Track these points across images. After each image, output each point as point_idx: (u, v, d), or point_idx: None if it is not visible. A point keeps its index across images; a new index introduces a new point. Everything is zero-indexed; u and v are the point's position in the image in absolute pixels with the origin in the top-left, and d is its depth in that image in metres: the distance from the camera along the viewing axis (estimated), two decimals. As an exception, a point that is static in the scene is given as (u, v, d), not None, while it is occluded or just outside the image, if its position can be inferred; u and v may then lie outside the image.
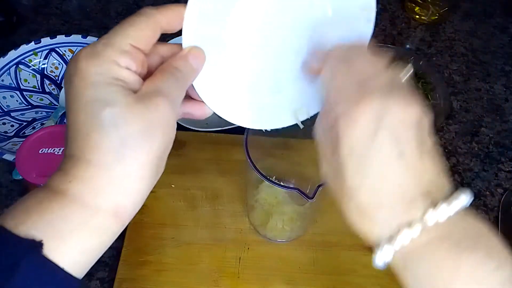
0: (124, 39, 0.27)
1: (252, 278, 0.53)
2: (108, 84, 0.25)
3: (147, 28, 0.28)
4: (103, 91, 0.25)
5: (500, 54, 0.79)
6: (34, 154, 0.49)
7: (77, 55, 0.26)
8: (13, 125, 0.64)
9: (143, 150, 0.26)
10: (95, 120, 0.25)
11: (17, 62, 0.68)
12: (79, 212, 0.25)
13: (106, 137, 0.25)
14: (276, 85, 0.35)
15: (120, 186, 0.26)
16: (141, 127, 0.25)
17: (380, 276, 0.52)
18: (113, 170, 0.25)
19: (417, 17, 0.83)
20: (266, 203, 0.52)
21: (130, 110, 0.25)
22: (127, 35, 0.27)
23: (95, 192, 0.26)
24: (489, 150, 0.67)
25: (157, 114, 0.26)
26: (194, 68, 0.30)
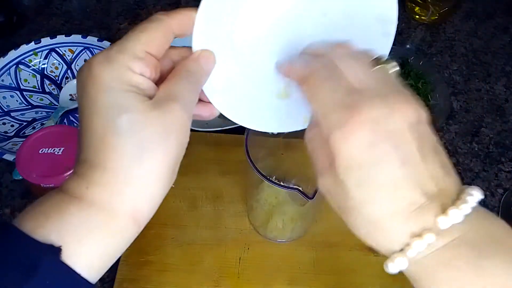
0: (137, 45, 0.27)
1: (252, 278, 0.53)
2: (123, 90, 0.26)
3: (159, 34, 0.28)
4: (119, 97, 0.25)
5: (500, 54, 0.79)
6: (34, 154, 0.49)
7: (90, 61, 0.26)
8: (13, 125, 0.64)
9: (160, 153, 0.26)
10: (111, 125, 0.25)
11: (17, 62, 0.68)
12: (98, 216, 0.25)
13: (123, 141, 0.25)
14: (286, 89, 0.34)
15: (137, 189, 0.26)
16: (158, 132, 0.26)
17: (381, 276, 0.52)
18: (130, 174, 0.26)
19: (417, 17, 0.83)
20: (266, 203, 0.52)
21: (147, 115, 0.26)
22: (140, 41, 0.27)
23: (113, 196, 0.26)
24: (489, 150, 0.67)
25: (172, 119, 0.26)
26: (205, 70, 0.30)
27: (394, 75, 0.28)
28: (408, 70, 0.71)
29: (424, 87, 0.69)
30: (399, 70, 0.29)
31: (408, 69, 0.71)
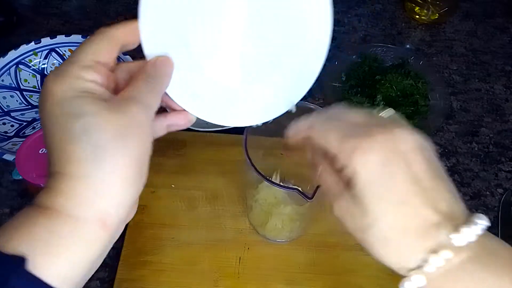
0: (85, 55, 0.28)
1: (252, 278, 0.53)
2: (74, 98, 0.26)
3: (105, 43, 0.29)
4: (72, 104, 0.26)
5: (500, 54, 0.79)
6: (34, 154, 0.49)
7: (45, 79, 0.28)
8: (13, 125, 0.64)
9: (119, 154, 0.26)
10: (67, 133, 0.26)
11: (17, 62, 0.68)
12: (65, 225, 0.25)
13: (79, 147, 0.25)
14: (249, 78, 0.35)
15: (101, 193, 0.26)
16: (114, 132, 0.26)
17: (380, 277, 0.52)
18: (92, 178, 0.25)
19: (417, 17, 0.83)
20: (265, 203, 0.52)
21: (101, 117, 0.26)
22: (88, 51, 0.28)
23: (77, 203, 0.26)
24: (489, 150, 0.67)
25: (130, 119, 0.27)
26: (164, 72, 0.31)
27: (397, 117, 0.31)
28: (407, 70, 0.71)
29: (424, 87, 0.69)
30: (395, 113, 0.32)
31: (408, 69, 0.71)
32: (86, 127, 0.25)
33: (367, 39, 0.81)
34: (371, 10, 0.86)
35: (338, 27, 0.82)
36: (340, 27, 0.82)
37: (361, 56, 0.74)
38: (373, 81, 0.70)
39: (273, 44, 0.34)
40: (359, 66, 0.72)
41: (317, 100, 0.71)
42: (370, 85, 0.69)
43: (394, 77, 0.68)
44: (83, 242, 0.26)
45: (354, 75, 0.71)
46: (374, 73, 0.70)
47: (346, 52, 0.75)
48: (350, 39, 0.81)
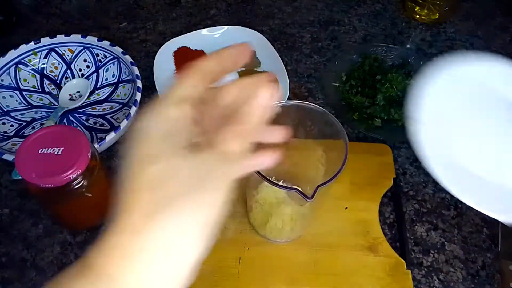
0: (177, 91, 0.26)
1: (252, 278, 0.53)
2: (161, 138, 0.23)
3: (197, 78, 0.26)
4: (155, 145, 0.23)
5: (501, 54, 0.79)
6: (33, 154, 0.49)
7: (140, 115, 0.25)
8: (13, 125, 0.64)
9: (187, 208, 0.23)
10: (137, 179, 0.23)
11: (16, 62, 0.68)
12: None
13: (141, 195, 0.22)
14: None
15: (147, 256, 0.22)
16: (187, 182, 0.22)
17: (381, 277, 0.52)
18: (141, 236, 0.22)
19: (418, 17, 0.83)
20: (265, 203, 0.52)
21: (176, 163, 0.23)
22: (181, 86, 0.26)
23: (118, 262, 0.22)
24: (489, 150, 0.67)
25: (206, 169, 0.23)
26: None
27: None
28: (408, 70, 0.71)
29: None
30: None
31: (409, 69, 0.71)
32: (157, 175, 0.22)
33: (368, 39, 0.81)
34: (372, 10, 0.86)
35: (338, 27, 0.82)
36: (340, 27, 0.82)
37: (362, 56, 0.74)
38: (373, 81, 0.69)
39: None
40: (360, 66, 0.72)
41: (317, 100, 0.71)
42: (371, 85, 0.69)
43: (395, 77, 0.68)
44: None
45: (354, 75, 0.71)
46: (375, 73, 0.70)
47: (346, 52, 0.75)
48: (350, 39, 0.80)
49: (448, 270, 0.54)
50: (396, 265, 0.53)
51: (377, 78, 0.69)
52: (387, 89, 0.67)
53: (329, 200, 0.56)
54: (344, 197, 0.58)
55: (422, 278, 0.54)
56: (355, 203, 0.58)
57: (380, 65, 0.72)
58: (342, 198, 0.58)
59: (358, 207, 0.57)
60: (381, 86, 0.68)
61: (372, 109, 0.67)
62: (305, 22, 0.83)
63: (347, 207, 0.57)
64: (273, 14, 0.84)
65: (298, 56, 0.77)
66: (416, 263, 0.54)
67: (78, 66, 0.71)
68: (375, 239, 0.54)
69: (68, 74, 0.71)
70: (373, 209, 0.57)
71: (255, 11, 0.85)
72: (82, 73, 0.71)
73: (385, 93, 0.67)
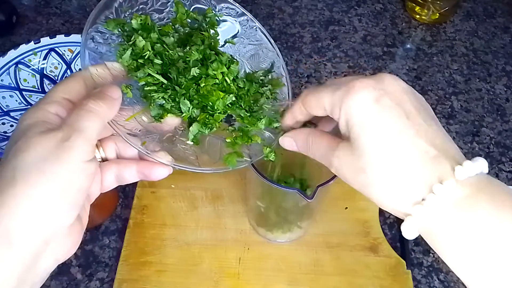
0: (55, 93, 0.30)
1: (252, 278, 0.53)
2: (29, 125, 0.28)
3: (75, 83, 0.31)
4: (20, 130, 0.28)
5: (501, 54, 0.79)
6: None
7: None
8: (13, 125, 0.64)
9: (34, 176, 0.26)
10: (4, 154, 0.27)
11: (16, 62, 0.68)
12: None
13: (4, 167, 0.26)
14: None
15: (8, 209, 0.25)
16: (37, 155, 0.26)
17: (381, 277, 0.52)
18: (3, 196, 0.25)
19: (418, 16, 0.83)
20: (266, 203, 0.52)
21: (31, 140, 0.27)
22: (58, 89, 0.30)
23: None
24: (490, 150, 0.67)
25: (56, 142, 0.27)
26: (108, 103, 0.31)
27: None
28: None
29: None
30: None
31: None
32: (17, 149, 0.26)
33: (368, 39, 0.81)
34: (372, 9, 0.86)
35: (339, 27, 0.82)
36: (340, 27, 0.82)
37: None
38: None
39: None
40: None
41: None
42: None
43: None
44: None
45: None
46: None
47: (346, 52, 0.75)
48: (350, 39, 0.80)
49: (448, 270, 0.54)
50: (396, 265, 0.53)
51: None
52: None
53: (329, 200, 0.56)
54: (344, 197, 0.58)
55: (422, 278, 0.54)
56: (355, 203, 0.58)
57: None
58: (342, 198, 0.58)
59: (358, 207, 0.57)
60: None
61: None
62: (305, 22, 0.83)
63: (347, 207, 0.57)
64: (273, 14, 0.84)
65: (298, 56, 0.77)
66: (416, 263, 0.54)
67: (78, 66, 0.71)
68: (375, 239, 0.54)
69: (68, 74, 0.71)
70: (373, 209, 0.57)
71: (256, 11, 0.85)
72: (82, 73, 0.71)
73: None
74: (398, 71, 0.76)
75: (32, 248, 0.26)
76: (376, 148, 0.27)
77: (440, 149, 0.26)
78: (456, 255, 0.25)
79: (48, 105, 0.29)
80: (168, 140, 0.35)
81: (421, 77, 0.75)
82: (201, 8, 0.38)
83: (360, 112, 0.27)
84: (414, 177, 0.26)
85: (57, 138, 0.27)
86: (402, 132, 0.26)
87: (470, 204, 0.25)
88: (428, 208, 0.25)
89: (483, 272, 0.24)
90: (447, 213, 0.25)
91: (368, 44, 0.80)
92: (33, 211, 0.26)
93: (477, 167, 0.26)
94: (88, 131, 0.28)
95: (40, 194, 0.26)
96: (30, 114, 0.29)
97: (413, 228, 0.26)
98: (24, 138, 0.27)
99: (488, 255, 0.24)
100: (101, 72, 0.32)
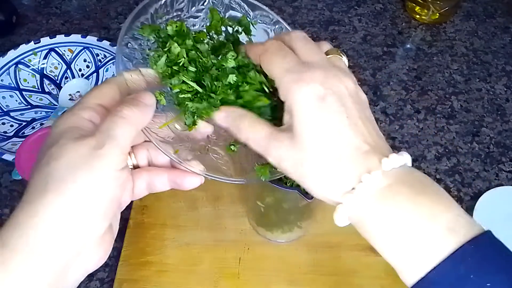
0: (89, 99, 0.30)
1: (252, 278, 0.53)
2: (63, 131, 0.28)
3: (108, 89, 0.31)
4: (54, 137, 0.28)
5: (501, 54, 0.79)
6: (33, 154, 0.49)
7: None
8: (13, 125, 0.64)
9: (65, 185, 0.25)
10: (37, 162, 0.27)
11: (16, 62, 0.68)
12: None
13: (38, 175, 0.26)
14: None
15: (40, 220, 0.25)
16: (69, 161, 0.26)
17: (381, 277, 0.52)
18: (33, 204, 0.25)
19: (418, 16, 0.83)
20: (266, 203, 0.52)
21: (65, 147, 0.26)
22: (92, 95, 0.30)
23: (11, 231, 0.25)
24: (490, 150, 0.67)
25: (88, 150, 0.26)
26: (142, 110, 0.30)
27: (343, 64, 0.32)
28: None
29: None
30: (347, 61, 0.33)
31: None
32: (50, 156, 0.26)
33: (368, 39, 0.81)
34: (372, 9, 0.86)
35: (339, 27, 0.82)
36: (340, 27, 0.82)
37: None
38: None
39: None
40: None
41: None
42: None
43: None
44: (9, 273, 0.24)
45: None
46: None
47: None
48: (350, 39, 0.80)
49: (448, 270, 0.54)
50: (397, 265, 0.53)
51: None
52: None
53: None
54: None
55: (422, 278, 0.53)
56: (356, 203, 0.58)
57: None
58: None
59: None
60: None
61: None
62: (305, 22, 0.83)
63: (347, 207, 0.57)
64: (273, 14, 0.84)
65: (298, 56, 0.77)
66: (417, 263, 0.54)
67: (78, 66, 0.71)
68: (376, 239, 0.54)
69: (68, 74, 0.71)
70: (374, 209, 0.57)
71: (255, 11, 0.85)
72: (82, 73, 0.71)
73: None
74: (398, 71, 0.76)
75: (63, 259, 0.26)
76: (315, 144, 0.28)
77: (372, 145, 0.29)
78: (381, 240, 0.28)
79: (82, 111, 0.29)
80: (201, 149, 0.34)
81: (421, 77, 0.75)
82: (235, 16, 0.38)
83: (304, 107, 0.28)
84: (346, 170, 0.28)
85: (90, 146, 0.26)
86: (340, 132, 0.28)
87: (392, 191, 0.27)
88: (356, 196, 0.28)
89: (402, 255, 0.27)
90: (373, 201, 0.27)
91: (368, 44, 0.80)
92: (64, 221, 0.25)
93: (401, 159, 0.28)
94: (121, 138, 0.28)
95: (72, 204, 0.25)
96: (63, 120, 0.28)
97: (343, 216, 0.29)
98: (58, 145, 0.27)
99: (405, 240, 0.26)
100: (135, 78, 0.32)
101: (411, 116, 0.70)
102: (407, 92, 0.73)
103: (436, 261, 0.25)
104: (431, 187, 0.28)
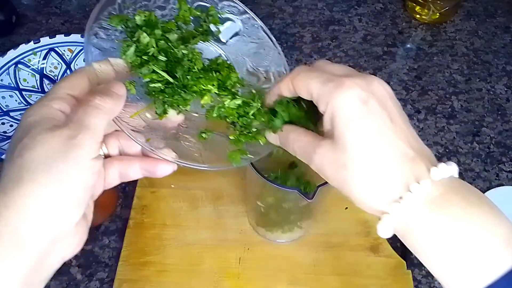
0: (59, 89, 0.30)
1: (252, 278, 0.53)
2: (34, 122, 0.28)
3: (78, 79, 0.31)
4: (25, 127, 0.27)
5: (501, 54, 0.79)
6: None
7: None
8: (12, 125, 0.64)
9: (41, 175, 0.26)
10: (8, 153, 0.27)
11: (16, 61, 0.68)
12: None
13: (9, 166, 0.26)
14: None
15: (16, 210, 0.25)
16: (44, 153, 0.26)
17: (383, 277, 0.52)
18: (8, 196, 0.25)
19: (418, 16, 0.83)
20: (266, 203, 0.52)
21: (38, 138, 0.26)
22: (62, 85, 0.30)
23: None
24: (490, 150, 0.67)
25: (64, 140, 0.27)
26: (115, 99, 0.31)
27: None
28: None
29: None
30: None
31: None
32: (22, 147, 0.26)
33: (368, 38, 0.81)
34: (372, 9, 0.86)
35: (339, 27, 0.82)
36: (340, 27, 0.82)
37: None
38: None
39: None
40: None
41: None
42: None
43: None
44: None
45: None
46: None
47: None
48: (350, 38, 0.80)
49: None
50: (397, 265, 0.53)
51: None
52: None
53: (329, 200, 0.56)
54: (345, 197, 0.57)
55: (422, 279, 0.53)
56: (356, 203, 0.57)
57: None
58: (343, 198, 0.57)
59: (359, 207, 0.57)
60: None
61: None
62: (306, 21, 0.83)
63: (347, 207, 0.57)
64: (274, 14, 0.84)
65: (299, 56, 0.77)
66: (417, 263, 0.54)
67: (78, 66, 0.71)
68: (376, 239, 0.54)
69: (67, 74, 0.71)
70: (374, 209, 0.57)
71: (256, 11, 0.84)
72: (82, 73, 0.71)
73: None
74: (398, 71, 0.76)
75: (41, 248, 0.26)
76: (359, 146, 0.28)
77: (417, 151, 0.28)
78: (430, 252, 0.26)
79: (52, 101, 0.29)
80: (172, 137, 0.35)
81: (421, 77, 0.75)
82: (203, 6, 0.38)
83: (347, 110, 0.28)
84: (392, 176, 0.27)
85: (64, 136, 0.27)
86: (385, 134, 0.28)
87: (444, 202, 0.26)
88: (405, 206, 0.27)
89: (454, 269, 0.25)
90: (422, 211, 0.26)
91: (368, 44, 0.80)
92: (41, 211, 0.26)
93: (450, 170, 0.27)
94: (95, 128, 0.28)
95: (48, 193, 0.26)
96: (34, 111, 0.28)
97: (389, 226, 0.28)
98: (30, 136, 0.27)
99: (459, 252, 0.25)
100: (105, 69, 0.32)
101: (412, 116, 0.70)
102: (407, 92, 0.73)
103: (492, 277, 0.24)
104: (483, 199, 0.27)
